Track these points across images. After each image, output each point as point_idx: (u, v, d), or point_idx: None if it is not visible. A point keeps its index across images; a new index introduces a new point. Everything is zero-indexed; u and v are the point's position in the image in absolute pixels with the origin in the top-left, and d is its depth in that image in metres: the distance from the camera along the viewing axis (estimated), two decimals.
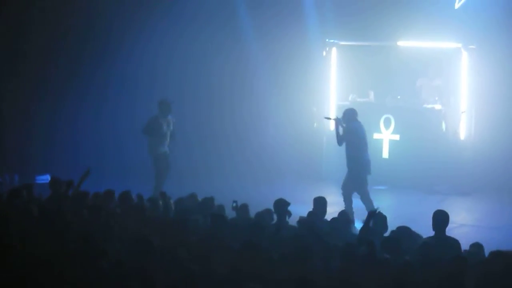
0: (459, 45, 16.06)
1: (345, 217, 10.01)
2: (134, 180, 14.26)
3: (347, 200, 13.17)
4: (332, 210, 10.63)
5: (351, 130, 13.15)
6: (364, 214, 11.12)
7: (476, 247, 8.60)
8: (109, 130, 16.90)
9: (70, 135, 16.86)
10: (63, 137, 16.76)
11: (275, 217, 9.93)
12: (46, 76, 16.60)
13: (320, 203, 10.19)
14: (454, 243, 8.81)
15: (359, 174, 13.15)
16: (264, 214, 9.99)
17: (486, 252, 8.39)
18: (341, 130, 13.23)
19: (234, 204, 10.40)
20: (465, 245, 8.92)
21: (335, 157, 16.61)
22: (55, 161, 16.05)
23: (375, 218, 9.93)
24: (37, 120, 16.63)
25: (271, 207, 10.03)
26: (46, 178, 14.45)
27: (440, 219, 9.10)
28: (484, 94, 16.11)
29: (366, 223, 9.17)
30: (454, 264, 7.14)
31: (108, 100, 17.00)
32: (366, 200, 13.04)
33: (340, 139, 13.24)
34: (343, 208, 12.09)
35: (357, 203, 13.23)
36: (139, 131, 14.53)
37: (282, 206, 9.94)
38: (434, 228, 9.07)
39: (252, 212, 10.28)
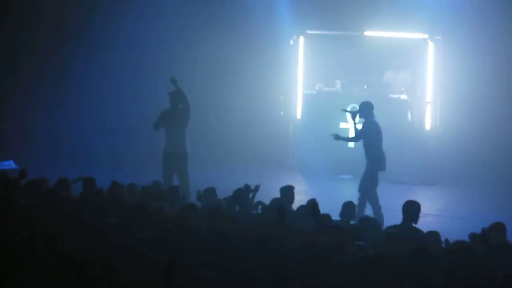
0: (426, 35, 16.18)
1: (313, 205, 9.85)
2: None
3: (372, 201, 11.98)
4: (298, 199, 10.65)
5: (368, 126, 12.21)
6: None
7: (432, 235, 8.67)
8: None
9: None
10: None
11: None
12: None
13: (288, 191, 10.10)
14: (419, 233, 8.89)
15: (371, 171, 12.29)
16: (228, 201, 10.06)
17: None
18: (358, 125, 12.30)
19: (198, 194, 10.42)
20: None
21: (302, 145, 16.79)
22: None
23: (345, 206, 9.94)
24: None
25: None
26: (9, 165, 14.27)
27: (412, 210, 9.11)
28: (450, 85, 16.26)
29: (316, 213, 8.95)
30: (416, 255, 7.22)
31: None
32: (372, 202, 11.96)
33: (357, 135, 12.35)
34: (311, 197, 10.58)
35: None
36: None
37: (242, 194, 9.98)
38: (404, 218, 9.08)
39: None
